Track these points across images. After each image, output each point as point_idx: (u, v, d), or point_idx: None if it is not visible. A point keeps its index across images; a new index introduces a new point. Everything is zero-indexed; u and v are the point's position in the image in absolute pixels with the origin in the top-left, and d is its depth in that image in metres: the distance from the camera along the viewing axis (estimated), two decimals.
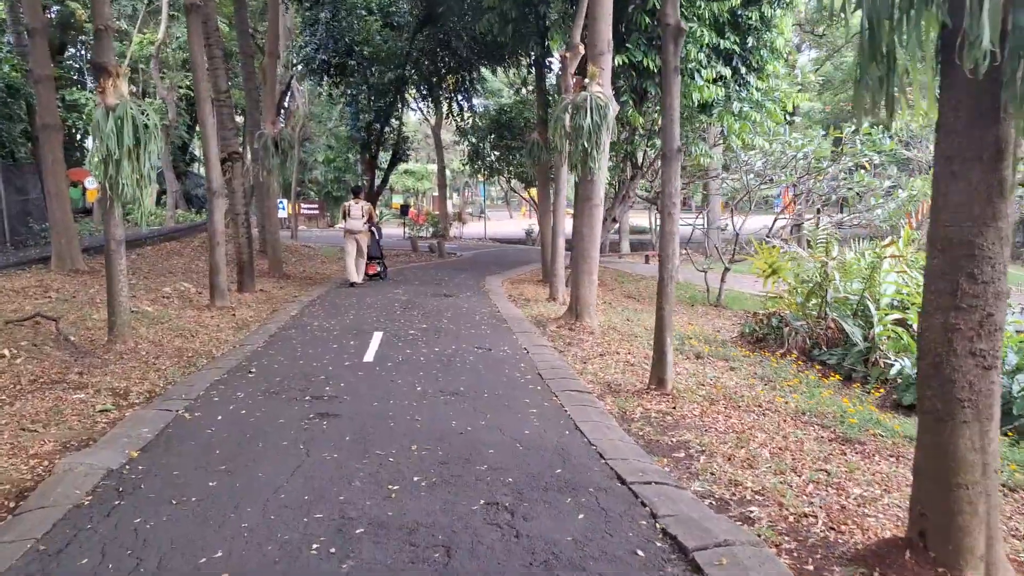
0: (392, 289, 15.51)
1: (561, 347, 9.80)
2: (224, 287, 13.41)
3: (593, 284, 11.13)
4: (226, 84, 14.65)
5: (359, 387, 7.54)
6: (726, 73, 14.84)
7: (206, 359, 9.40)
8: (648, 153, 16.82)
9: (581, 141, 10.46)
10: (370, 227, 16.05)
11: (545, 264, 17.49)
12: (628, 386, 7.71)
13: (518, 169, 28.99)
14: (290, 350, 9.56)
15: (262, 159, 17.08)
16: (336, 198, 40.76)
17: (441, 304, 13.40)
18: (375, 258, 16.91)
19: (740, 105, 15.09)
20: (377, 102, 23.06)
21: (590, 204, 10.89)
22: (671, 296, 7.24)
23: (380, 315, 12.13)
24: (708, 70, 14.58)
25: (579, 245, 11.06)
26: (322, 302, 13.87)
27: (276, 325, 11.54)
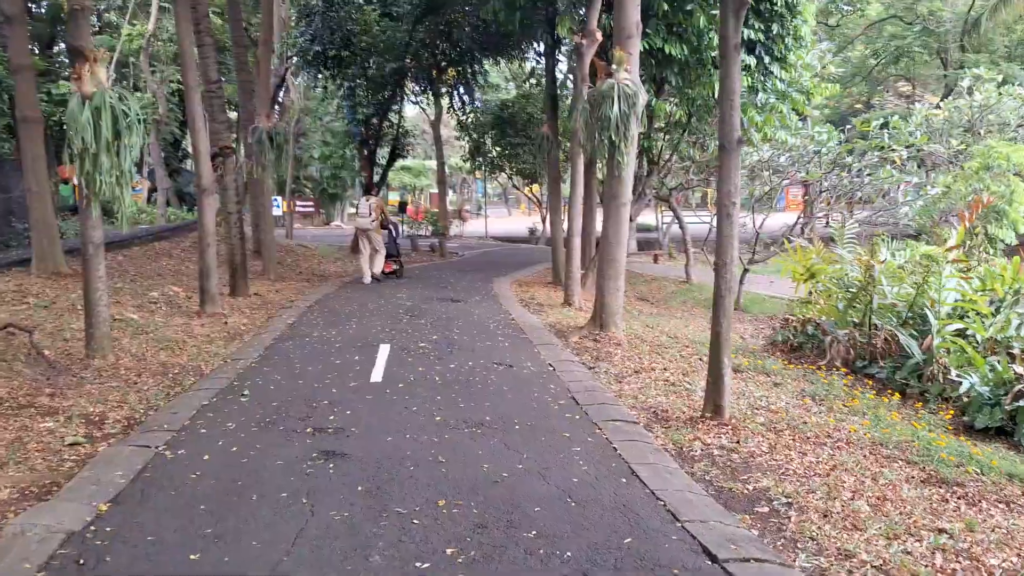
0: (395, 293, 14.46)
1: (589, 362, 8.77)
2: (215, 292, 12.34)
3: (619, 291, 10.12)
4: (217, 74, 13.56)
5: (368, 415, 6.51)
6: (750, 62, 13.81)
7: (194, 377, 8.36)
8: (664, 148, 15.78)
9: (608, 133, 9.44)
10: (384, 224, 15.78)
11: (556, 265, 16.47)
12: (676, 412, 6.69)
13: (520, 165, 27.96)
14: (288, 367, 8.52)
15: (256, 154, 15.99)
16: (332, 195, 39.62)
17: (450, 310, 12.36)
18: (392, 256, 16.58)
19: (765, 96, 14.07)
20: (375, 95, 21.96)
21: (617, 203, 9.86)
22: (729, 311, 6.23)
23: (385, 324, 11.09)
24: None
25: (604, 248, 10.04)
26: (321, 308, 12.82)
27: (272, 335, 10.49)
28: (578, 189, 13.19)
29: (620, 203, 9.87)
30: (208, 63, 13.30)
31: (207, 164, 12.24)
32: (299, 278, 17.01)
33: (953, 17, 23.99)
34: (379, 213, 15.75)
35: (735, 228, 6.19)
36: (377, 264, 15.94)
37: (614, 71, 9.57)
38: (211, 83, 13.44)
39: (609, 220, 9.93)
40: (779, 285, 21.06)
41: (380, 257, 16.01)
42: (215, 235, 12.50)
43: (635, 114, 9.52)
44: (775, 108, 14.22)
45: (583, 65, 12.79)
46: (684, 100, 13.77)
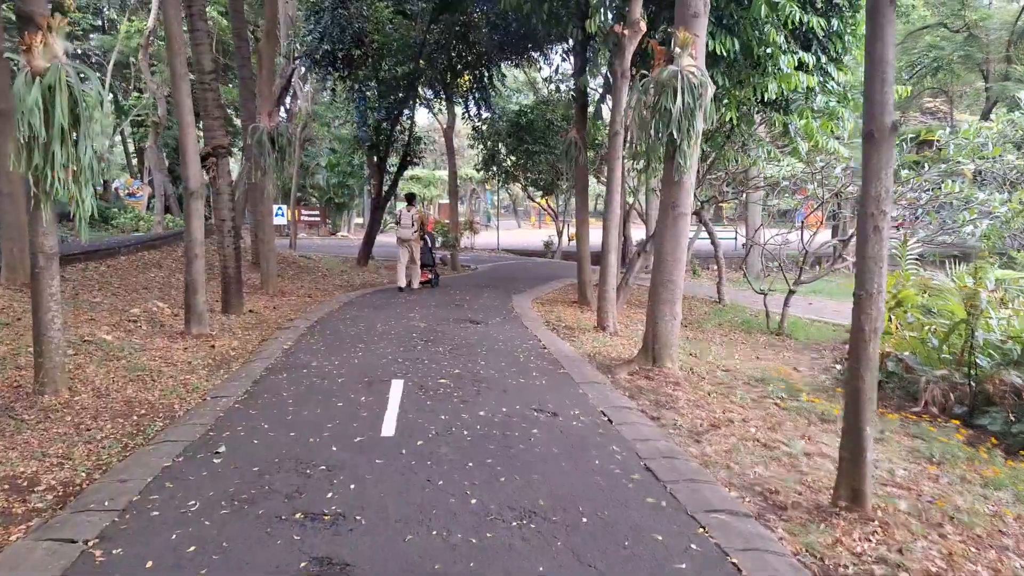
0: (407, 312, 12.75)
1: (650, 409, 7.04)
2: (203, 310, 10.66)
3: (676, 318, 8.40)
4: (211, 63, 11.92)
5: (379, 492, 4.78)
6: (808, 60, 12.12)
7: (163, 421, 6.67)
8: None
9: (669, 130, 7.75)
10: (422, 235, 15.83)
11: (582, 283, 14.77)
12: (791, 495, 4.96)
13: (535, 175, 26.30)
14: (278, 410, 6.80)
15: (256, 156, 14.37)
16: (339, 204, 37.99)
17: (469, 334, 10.65)
18: (427, 266, 16.54)
19: (826, 99, 12.37)
20: (387, 98, 20.34)
21: (675, 213, 8.15)
22: (873, 361, 4.51)
23: (397, 351, 9.38)
24: (788, 56, 11.88)
25: (659, 267, 8.32)
26: (323, 329, 11.12)
27: (264, 364, 8.79)
28: (615, 198, 11.49)
29: (679, 213, 8.15)
30: (201, 50, 11.67)
31: (196, 164, 10.58)
32: (300, 293, 15.32)
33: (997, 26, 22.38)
34: (420, 225, 15.73)
35: (884, 247, 4.48)
36: (415, 275, 15.91)
37: (677, 56, 7.89)
38: (204, 73, 11.80)
39: (665, 233, 8.22)
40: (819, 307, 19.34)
41: (417, 268, 15.94)
42: (203, 245, 10.83)
43: (701, 107, 7.85)
44: (835, 113, 12.52)
45: (623, 59, 11.13)
46: (732, 102, 12.10)
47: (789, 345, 14.19)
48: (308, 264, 19.53)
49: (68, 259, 15.01)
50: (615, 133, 11.28)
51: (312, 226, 37.44)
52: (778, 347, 13.93)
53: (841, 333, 15.75)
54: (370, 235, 21.73)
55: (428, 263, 16.56)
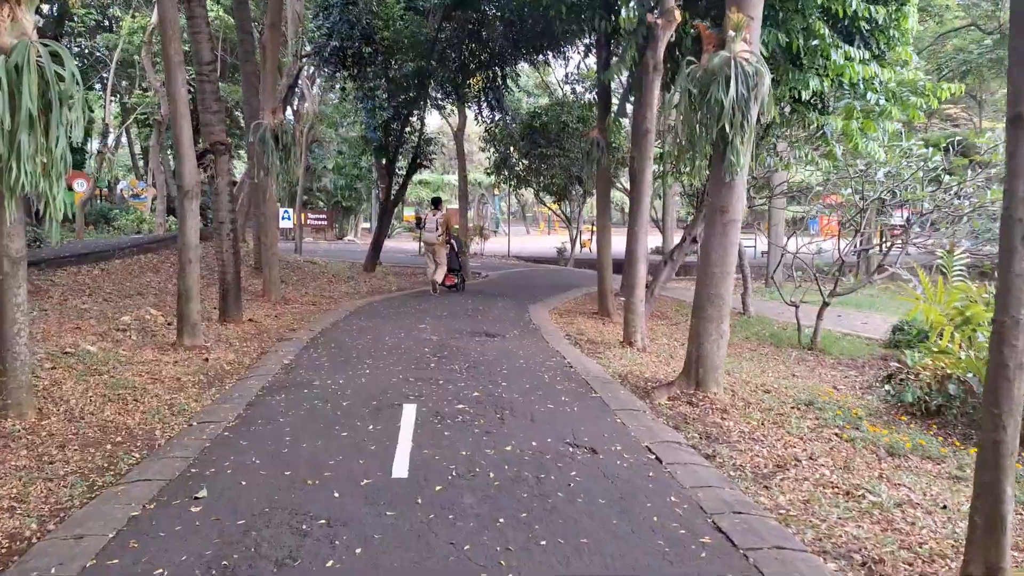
0: (418, 323, 11.81)
1: (700, 443, 6.08)
2: (197, 319, 9.75)
3: (723, 337, 7.44)
4: (210, 54, 11.03)
5: (392, 565, 3.82)
6: (855, 54, 11.16)
7: (140, 452, 5.75)
8: None
9: (721, 124, 6.81)
10: (448, 239, 15.89)
11: (603, 293, 13.82)
12: (900, 567, 3.98)
13: (548, 180, 25.36)
14: (273, 441, 5.86)
15: (259, 155, 13.49)
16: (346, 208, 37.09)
17: (487, 350, 9.70)
18: (453, 270, 16.55)
19: (876, 97, 11.40)
20: (397, 97, 19.44)
21: (724, 219, 7.19)
22: (1017, 408, 3.54)
23: (408, 368, 8.44)
24: (836, 50, 10.93)
25: (705, 279, 7.36)
26: (328, 340, 10.19)
27: (260, 381, 7.87)
28: (644, 202, 10.55)
29: (729, 219, 7.20)
30: (199, 39, 10.78)
31: (191, 161, 9.68)
32: (305, 300, 14.40)
33: None
34: (445, 228, 15.72)
35: None
36: (439, 275, 15.87)
37: (729, 40, 6.96)
38: (203, 64, 10.91)
39: (713, 242, 7.27)
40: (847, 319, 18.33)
41: (441, 270, 15.92)
42: (199, 249, 9.92)
43: (757, 99, 6.91)
44: (885, 112, 11.55)
45: (656, 51, 10.20)
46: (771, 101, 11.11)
47: (823, 361, 13.22)
48: (313, 269, 18.62)
49: (59, 262, 14.15)
50: (645, 132, 10.35)
51: (319, 230, 36.56)
52: (811, 363, 12.99)
53: (875, 348, 14.76)
54: (378, 240, 20.83)
55: (454, 267, 16.54)
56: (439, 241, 15.63)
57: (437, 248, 15.74)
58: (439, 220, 15.70)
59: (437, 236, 15.57)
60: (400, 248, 33.25)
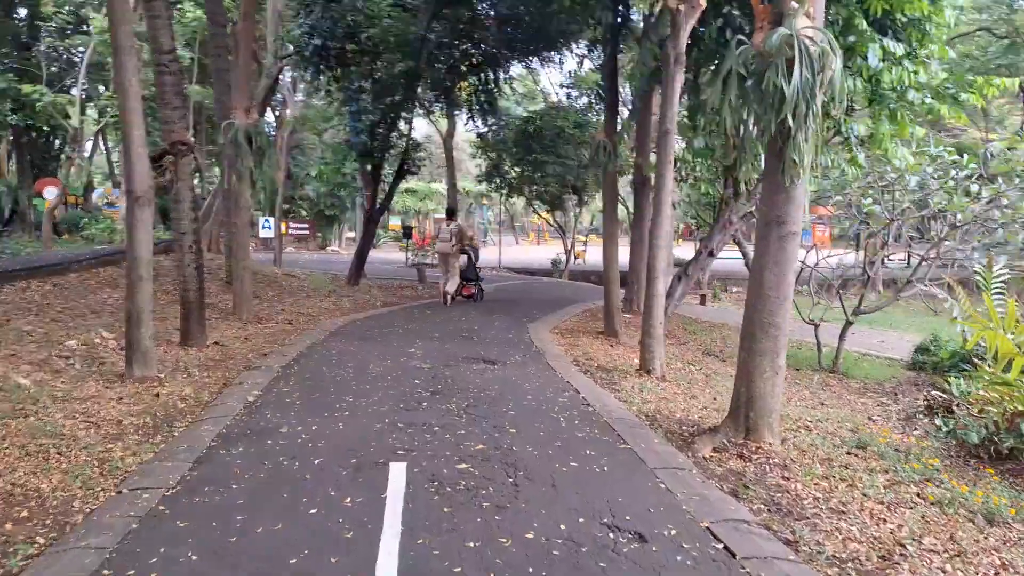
0: (406, 346, 10.40)
1: (773, 518, 4.71)
2: (148, 347, 8.30)
3: (779, 374, 6.08)
4: (171, 42, 9.61)
5: None
6: (895, 49, 9.91)
7: (46, 535, 4.36)
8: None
9: (782, 115, 5.48)
10: (463, 248, 15.60)
11: (609, 311, 12.46)
12: None
13: (542, 188, 24.03)
14: (220, 522, 4.44)
15: (231, 159, 12.09)
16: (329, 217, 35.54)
17: (487, 381, 8.30)
18: (471, 280, 16.19)
19: (921, 95, 10.14)
20: (383, 100, 18.05)
21: (781, 232, 5.85)
22: None
23: (395, 407, 7.03)
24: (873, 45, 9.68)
25: (757, 303, 6.01)
26: (301, 371, 8.75)
27: (217, 426, 6.44)
28: (664, 211, 9.21)
29: (788, 232, 5.85)
30: (158, 25, 9.37)
31: (142, 162, 8.24)
32: (280, 319, 12.94)
33: None
34: (459, 238, 15.39)
35: None
36: (451, 286, 15.48)
37: (789, 14, 5.64)
38: (162, 53, 9.49)
39: (767, 259, 5.92)
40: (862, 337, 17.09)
41: (454, 281, 15.55)
42: (151, 265, 8.47)
43: (822, 86, 5.59)
44: (934, 111, 10.29)
45: (678, 40, 8.90)
46: (842, 87, 9.76)
47: (848, 385, 11.98)
48: (291, 283, 17.14)
49: (7, 277, 12.65)
50: (666, 132, 9.02)
51: (301, 240, 35.02)
52: (835, 388, 11.75)
53: (897, 370, 13.51)
54: (362, 251, 19.38)
55: (471, 277, 16.20)
56: (453, 251, 15.28)
57: (451, 258, 15.40)
58: (453, 230, 15.37)
59: (451, 246, 15.21)
60: (386, 259, 31.77)
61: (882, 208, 12.33)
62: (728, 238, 11.71)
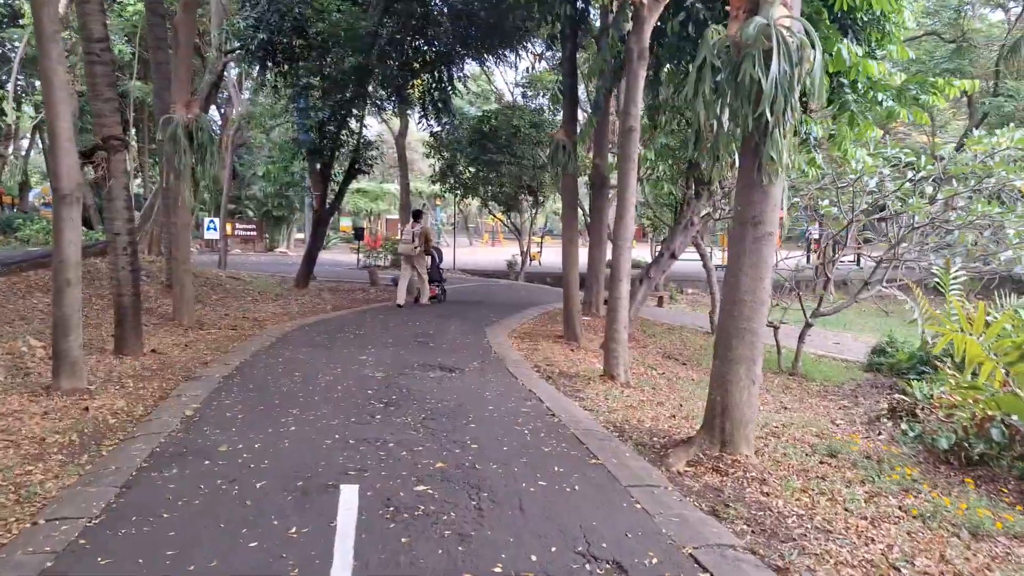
0: (358, 352, 9.87)
1: (758, 541, 4.35)
2: (78, 356, 7.66)
3: (756, 383, 5.75)
4: (102, 29, 8.93)
5: None
6: (856, 50, 9.73)
7: None
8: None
9: (760, 110, 5.16)
10: (427, 250, 15.56)
11: (568, 314, 12.09)
12: None
13: (497, 189, 23.59)
14: (148, 560, 3.90)
15: (169, 156, 11.40)
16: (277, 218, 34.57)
17: (445, 390, 7.84)
18: (435, 281, 16.25)
19: (885, 95, 9.98)
20: (333, 96, 17.43)
21: (757, 233, 5.52)
22: None
23: (347, 423, 6.52)
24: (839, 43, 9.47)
25: (732, 311, 5.67)
26: (245, 381, 8.17)
27: (150, 444, 5.86)
28: (628, 210, 8.87)
29: (764, 233, 5.52)
30: (88, 10, 8.71)
31: (70, 156, 7.58)
32: (224, 324, 12.28)
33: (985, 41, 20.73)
34: (423, 239, 15.32)
35: None
36: (423, 293, 15.62)
37: (767, 4, 5.32)
38: (93, 41, 8.82)
39: (743, 261, 5.58)
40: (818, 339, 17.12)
41: (425, 285, 15.65)
42: (80, 268, 7.81)
43: (799, 78, 5.28)
44: (893, 113, 10.16)
45: (641, 35, 8.58)
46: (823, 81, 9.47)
47: (808, 388, 11.86)
48: (237, 286, 16.40)
49: None
50: (629, 129, 8.68)
51: (247, 241, 33.99)
52: (796, 391, 11.61)
53: (854, 371, 13.46)
54: (311, 253, 18.69)
55: (436, 278, 16.28)
56: (416, 253, 15.19)
57: (416, 260, 15.31)
58: (417, 231, 15.29)
59: (414, 248, 15.12)
60: (336, 261, 30.97)
61: (840, 210, 12.23)
62: (689, 239, 11.43)
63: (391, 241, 28.39)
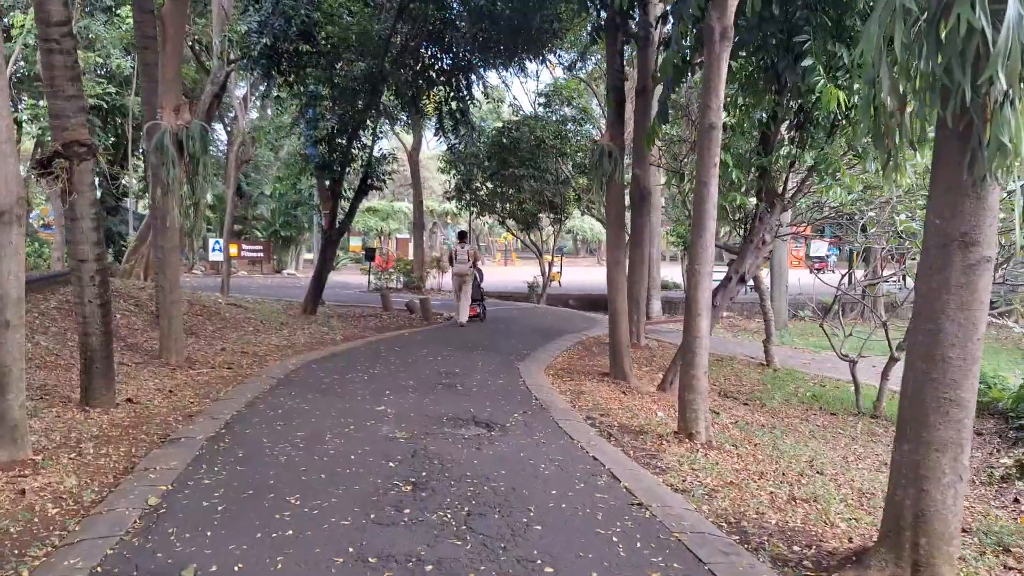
0: (374, 400, 8.04)
1: None
2: (19, 418, 5.88)
3: (963, 476, 3.89)
4: (63, 10, 7.21)
5: None
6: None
7: None
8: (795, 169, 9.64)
9: (987, 73, 3.35)
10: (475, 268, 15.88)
11: (616, 348, 10.27)
12: None
13: (516, 206, 21.81)
14: None
15: (156, 168, 9.69)
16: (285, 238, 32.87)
17: (488, 462, 5.99)
18: (475, 300, 16.26)
19: None
20: (343, 106, 15.74)
21: (969, 256, 3.66)
22: None
23: (361, 523, 4.66)
24: None
25: (930, 369, 3.79)
26: (235, 444, 6.35)
27: (90, 560, 4.05)
28: (708, 226, 7.05)
29: (978, 257, 3.69)
30: None
31: (7, 166, 5.83)
32: (220, 361, 10.50)
33: None
34: (474, 260, 15.73)
35: None
36: (463, 312, 15.56)
37: None
38: (50, 26, 7.09)
39: (945, 299, 3.73)
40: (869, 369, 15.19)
41: (466, 305, 15.66)
42: (22, 305, 6.04)
43: None
44: None
45: (725, 10, 6.82)
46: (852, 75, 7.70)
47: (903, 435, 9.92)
48: (237, 315, 14.60)
49: None
50: (709, 127, 6.90)
51: (255, 263, 32.28)
52: (884, 438, 9.74)
53: None
54: (320, 275, 16.92)
55: (476, 298, 16.35)
56: (471, 272, 15.49)
57: (468, 279, 15.53)
58: (469, 252, 15.66)
59: (469, 268, 15.41)
60: (346, 283, 29.21)
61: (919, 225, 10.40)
62: (761, 260, 9.61)
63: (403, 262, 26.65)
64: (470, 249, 15.84)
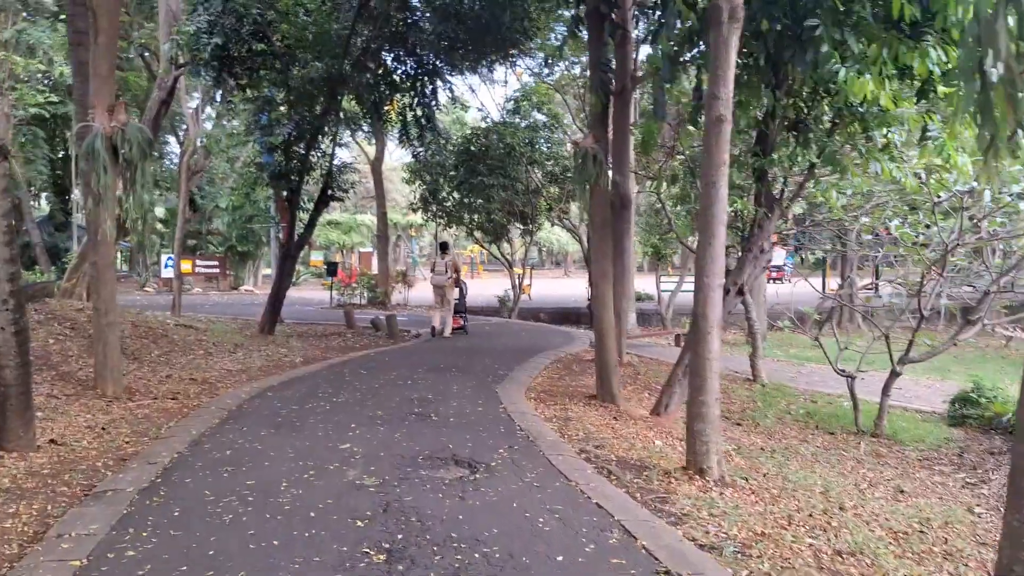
0: (337, 439, 7.00)
1: None
2: None
3: None
4: None
5: None
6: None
7: None
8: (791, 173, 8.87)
9: None
10: (456, 281, 15.61)
11: (603, 368, 9.38)
12: None
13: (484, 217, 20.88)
14: None
15: (86, 174, 8.61)
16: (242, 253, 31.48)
17: (474, 515, 5.03)
18: (459, 312, 16.01)
19: None
20: (300, 110, 14.70)
21: None
22: None
23: None
24: None
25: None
26: (172, 497, 5.28)
27: None
28: (718, 231, 6.20)
29: None
30: None
31: None
32: (164, 391, 9.37)
33: None
34: (454, 270, 15.41)
35: None
36: (447, 325, 15.37)
37: None
38: None
39: None
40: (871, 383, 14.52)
41: (449, 317, 15.46)
42: None
43: None
44: None
45: None
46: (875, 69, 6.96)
47: (904, 455, 9.27)
48: (187, 337, 13.38)
49: None
50: (717, 119, 6.06)
51: (211, 279, 30.81)
52: (890, 459, 9.05)
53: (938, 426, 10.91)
54: (278, 292, 15.79)
55: (460, 309, 16.09)
56: (449, 284, 15.26)
57: (447, 292, 15.31)
58: (448, 263, 15.40)
59: (447, 279, 15.17)
60: (306, 299, 27.96)
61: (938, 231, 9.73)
62: (759, 271, 8.84)
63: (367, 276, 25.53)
64: (450, 260, 15.54)
